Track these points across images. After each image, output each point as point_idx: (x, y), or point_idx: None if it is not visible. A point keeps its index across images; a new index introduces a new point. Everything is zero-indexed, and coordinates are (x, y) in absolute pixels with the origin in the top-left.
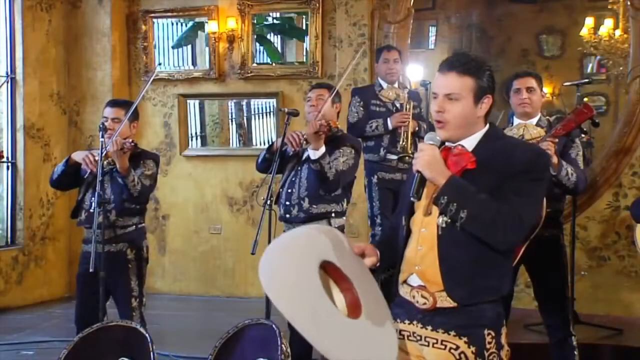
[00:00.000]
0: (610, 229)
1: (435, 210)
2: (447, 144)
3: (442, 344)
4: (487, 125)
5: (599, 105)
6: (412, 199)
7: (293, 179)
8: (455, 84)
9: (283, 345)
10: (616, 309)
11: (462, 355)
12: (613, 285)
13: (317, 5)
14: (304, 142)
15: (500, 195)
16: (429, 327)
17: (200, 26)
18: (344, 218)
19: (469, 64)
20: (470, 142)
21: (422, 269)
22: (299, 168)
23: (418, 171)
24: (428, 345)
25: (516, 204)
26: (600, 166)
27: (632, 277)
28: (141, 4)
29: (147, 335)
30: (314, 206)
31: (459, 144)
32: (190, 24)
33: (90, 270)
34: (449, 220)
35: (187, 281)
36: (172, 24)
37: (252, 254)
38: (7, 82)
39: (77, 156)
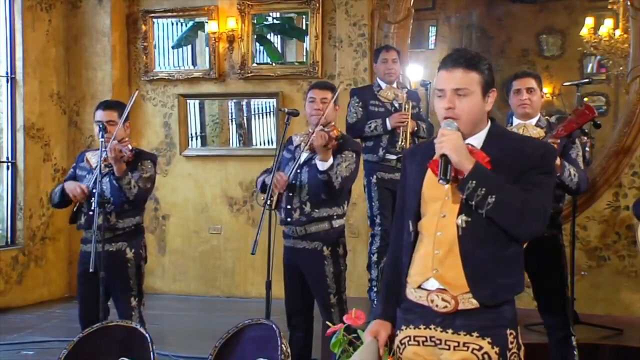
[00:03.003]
0: (610, 229)
1: (450, 212)
2: None
3: (464, 345)
4: (490, 121)
5: (599, 105)
6: (440, 182)
7: (293, 182)
8: (463, 79)
9: (283, 345)
10: (616, 309)
11: (486, 356)
12: (613, 285)
13: (317, 5)
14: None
15: (520, 187)
16: (450, 331)
17: (200, 26)
18: (344, 219)
19: (472, 59)
20: (477, 140)
21: (441, 273)
22: (299, 172)
23: (443, 155)
24: (449, 349)
25: (538, 195)
26: (600, 166)
27: (632, 277)
28: (141, 4)
29: (147, 335)
30: (316, 210)
31: (468, 143)
32: (190, 24)
33: (91, 270)
34: (469, 219)
35: (187, 281)
36: (172, 24)
37: (252, 254)
38: (7, 82)
39: (68, 188)
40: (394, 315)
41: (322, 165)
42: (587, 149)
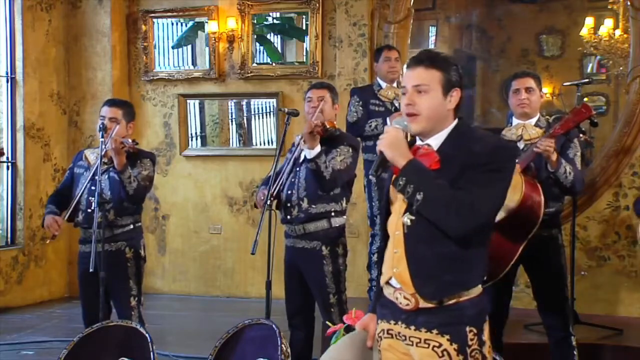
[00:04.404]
0: (610, 229)
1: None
2: (417, 142)
3: (425, 342)
4: (456, 120)
5: (599, 105)
6: (370, 176)
7: (293, 180)
8: (423, 76)
9: (283, 345)
10: (616, 309)
11: (445, 353)
12: (613, 285)
13: (317, 5)
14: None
15: (459, 186)
16: (412, 327)
17: (200, 26)
18: (344, 217)
19: (435, 58)
20: (437, 140)
21: (399, 272)
22: (298, 169)
23: (380, 152)
24: (412, 345)
25: (471, 192)
26: (600, 166)
27: (632, 277)
28: (141, 4)
29: (147, 335)
30: (313, 206)
31: (426, 143)
32: (190, 24)
33: (90, 270)
34: (413, 217)
35: (187, 281)
36: (172, 24)
37: (252, 254)
38: (7, 82)
39: (45, 225)
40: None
41: (309, 153)
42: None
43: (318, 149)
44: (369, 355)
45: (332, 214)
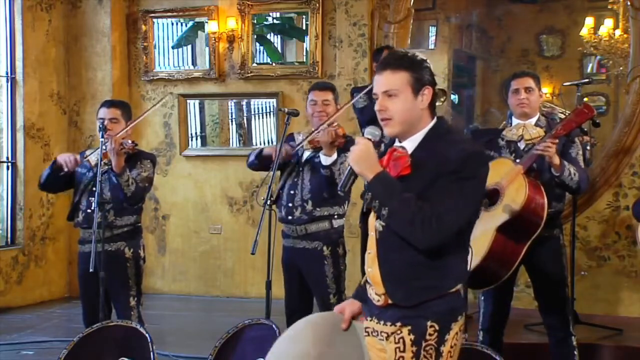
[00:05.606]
0: (610, 229)
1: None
2: (395, 143)
3: (391, 335)
4: (434, 120)
5: (599, 105)
6: (339, 191)
7: (295, 179)
8: (390, 80)
9: None
10: (616, 309)
11: (401, 340)
12: (613, 285)
13: (317, 5)
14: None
15: (429, 195)
16: (382, 322)
17: (200, 26)
18: (344, 219)
19: (401, 59)
20: (412, 143)
21: (372, 272)
22: (301, 169)
23: (350, 165)
24: (384, 340)
25: (439, 204)
26: (600, 166)
27: (632, 277)
28: (141, 4)
29: (147, 335)
30: (317, 209)
31: (401, 145)
32: (190, 24)
33: (90, 270)
34: (384, 224)
35: (187, 281)
36: (172, 24)
37: (252, 254)
38: (7, 82)
39: (60, 158)
40: (363, 296)
41: (325, 160)
42: (587, 148)
43: (335, 156)
44: (338, 337)
45: (335, 216)
